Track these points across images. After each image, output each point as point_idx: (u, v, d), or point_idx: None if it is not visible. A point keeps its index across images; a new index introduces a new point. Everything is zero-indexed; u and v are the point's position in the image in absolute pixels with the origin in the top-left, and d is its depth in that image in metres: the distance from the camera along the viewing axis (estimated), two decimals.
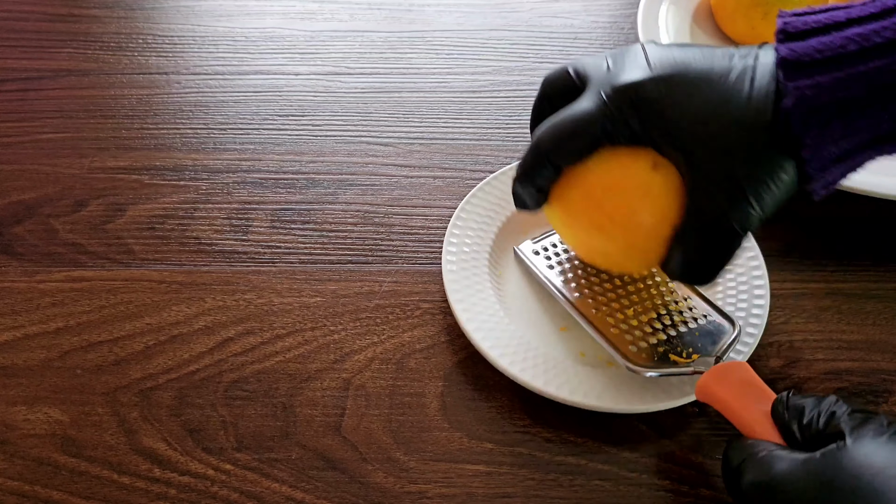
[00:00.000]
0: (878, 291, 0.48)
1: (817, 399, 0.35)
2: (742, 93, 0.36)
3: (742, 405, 0.38)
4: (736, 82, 0.36)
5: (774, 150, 0.36)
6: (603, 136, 0.38)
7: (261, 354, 0.45)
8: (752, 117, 0.35)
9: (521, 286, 0.47)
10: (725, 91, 0.36)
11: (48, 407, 0.43)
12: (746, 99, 0.36)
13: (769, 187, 0.36)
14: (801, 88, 0.34)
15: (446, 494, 0.40)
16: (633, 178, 0.38)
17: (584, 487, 0.40)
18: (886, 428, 0.33)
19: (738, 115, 0.36)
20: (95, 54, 0.62)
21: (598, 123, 0.37)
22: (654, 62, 0.37)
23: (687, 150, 0.36)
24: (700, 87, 0.36)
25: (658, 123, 0.37)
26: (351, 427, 0.42)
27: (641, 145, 0.38)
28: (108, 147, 0.56)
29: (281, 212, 0.52)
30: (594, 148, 0.38)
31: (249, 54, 0.62)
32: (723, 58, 0.37)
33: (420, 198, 0.53)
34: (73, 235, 0.51)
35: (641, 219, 0.38)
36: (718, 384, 0.39)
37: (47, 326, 0.46)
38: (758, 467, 0.34)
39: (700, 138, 0.36)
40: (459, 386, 0.44)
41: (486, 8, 0.66)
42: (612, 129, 0.38)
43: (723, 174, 0.36)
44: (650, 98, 0.37)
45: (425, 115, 0.58)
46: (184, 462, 0.41)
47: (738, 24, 0.59)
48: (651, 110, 0.37)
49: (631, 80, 0.37)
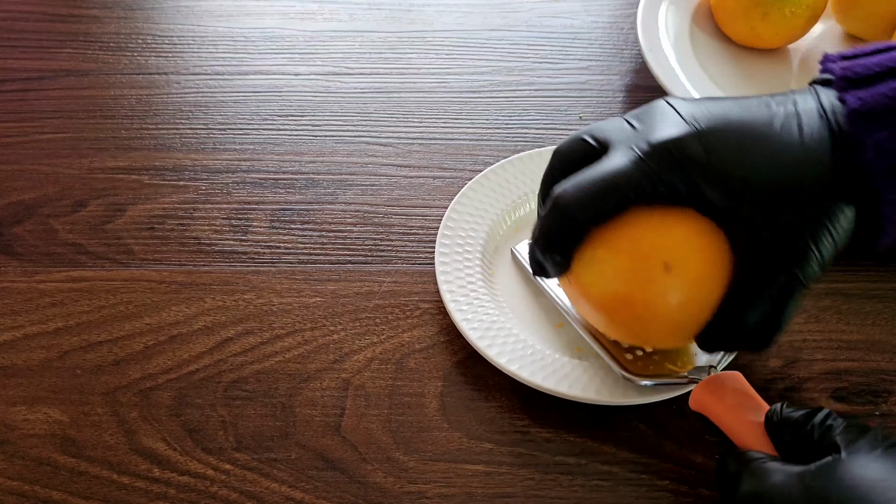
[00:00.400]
0: (878, 291, 0.48)
1: (811, 411, 0.35)
2: (793, 141, 0.34)
3: (736, 416, 0.37)
4: (783, 131, 0.34)
5: (835, 199, 0.34)
6: (638, 197, 0.35)
7: (260, 354, 0.45)
8: (808, 167, 0.34)
9: (515, 284, 0.47)
10: (774, 140, 0.34)
11: (48, 407, 0.43)
12: (800, 147, 0.34)
13: (830, 235, 0.34)
14: (881, 141, 0.33)
15: (446, 494, 0.40)
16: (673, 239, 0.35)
17: (584, 487, 0.40)
18: (881, 442, 0.33)
19: (793, 164, 0.34)
20: (95, 54, 0.62)
21: (633, 181, 0.34)
22: (689, 116, 0.35)
23: (738, 202, 0.34)
24: (746, 137, 0.34)
25: (704, 179, 0.34)
26: (350, 427, 0.42)
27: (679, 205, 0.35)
28: (107, 147, 0.56)
29: (280, 212, 0.52)
30: (625, 208, 0.35)
31: (249, 54, 0.62)
32: (759, 106, 0.35)
33: (419, 198, 0.53)
34: (72, 235, 0.51)
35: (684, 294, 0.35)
36: (712, 395, 0.38)
37: (47, 326, 0.46)
38: (753, 478, 0.34)
39: (753, 187, 0.34)
40: (459, 386, 0.44)
41: (486, 8, 0.66)
42: (650, 189, 0.34)
43: (784, 226, 0.34)
44: (694, 153, 0.34)
45: (425, 115, 0.58)
46: (183, 462, 0.41)
47: (738, 24, 0.59)
48: (696, 165, 0.34)
49: (670, 135, 0.34)
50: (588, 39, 0.64)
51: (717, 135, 0.34)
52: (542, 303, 0.46)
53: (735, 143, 0.34)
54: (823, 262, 0.34)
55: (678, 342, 0.40)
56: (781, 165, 0.34)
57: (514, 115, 0.58)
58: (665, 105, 0.36)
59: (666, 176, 0.34)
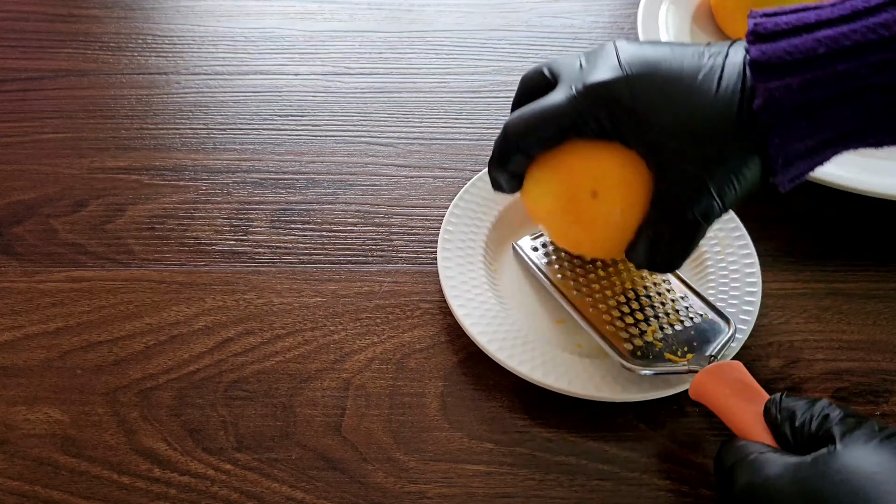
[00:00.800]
0: (879, 291, 0.48)
1: (810, 402, 0.35)
2: (709, 91, 0.37)
3: (735, 405, 0.38)
4: (703, 81, 0.37)
5: (738, 146, 0.37)
6: (571, 129, 0.39)
7: (261, 354, 0.45)
8: (717, 115, 0.37)
9: (517, 280, 0.48)
10: (693, 89, 0.37)
11: (48, 407, 0.43)
12: (713, 97, 0.37)
13: (732, 182, 0.37)
14: (771, 90, 0.35)
15: (446, 494, 0.40)
16: (601, 170, 0.39)
17: (584, 487, 0.40)
18: (877, 433, 0.33)
19: (704, 112, 0.37)
20: (95, 54, 0.62)
21: (566, 116, 0.39)
22: (625, 61, 0.38)
23: (654, 146, 0.38)
24: (668, 85, 0.38)
25: (626, 120, 0.38)
26: (351, 427, 0.42)
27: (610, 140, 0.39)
28: (107, 147, 0.56)
29: (281, 212, 0.52)
30: (561, 139, 0.40)
31: (249, 54, 0.62)
32: (693, 56, 0.38)
33: (420, 198, 0.53)
34: (73, 235, 0.51)
35: (607, 210, 0.39)
36: (712, 384, 0.39)
37: (47, 326, 0.46)
38: (749, 470, 0.34)
39: (666, 134, 0.37)
40: (459, 386, 0.44)
41: (486, 8, 0.66)
42: (581, 124, 0.39)
43: (687, 168, 0.37)
44: (619, 96, 0.38)
45: (425, 115, 0.58)
46: (184, 462, 0.41)
47: (738, 23, 0.59)
48: (620, 108, 0.38)
49: (601, 78, 0.38)
50: (588, 39, 0.64)
51: (644, 81, 0.38)
52: (543, 299, 0.46)
53: (657, 90, 0.38)
54: (724, 206, 0.37)
55: (611, 255, 0.44)
56: (694, 114, 0.37)
57: None
58: (611, 48, 0.40)
59: (594, 114, 0.38)
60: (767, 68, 0.35)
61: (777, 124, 0.36)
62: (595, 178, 0.39)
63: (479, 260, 0.47)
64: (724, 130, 0.37)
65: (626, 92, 0.38)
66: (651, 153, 0.38)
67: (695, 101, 0.37)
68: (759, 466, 0.34)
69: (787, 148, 0.36)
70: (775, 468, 0.33)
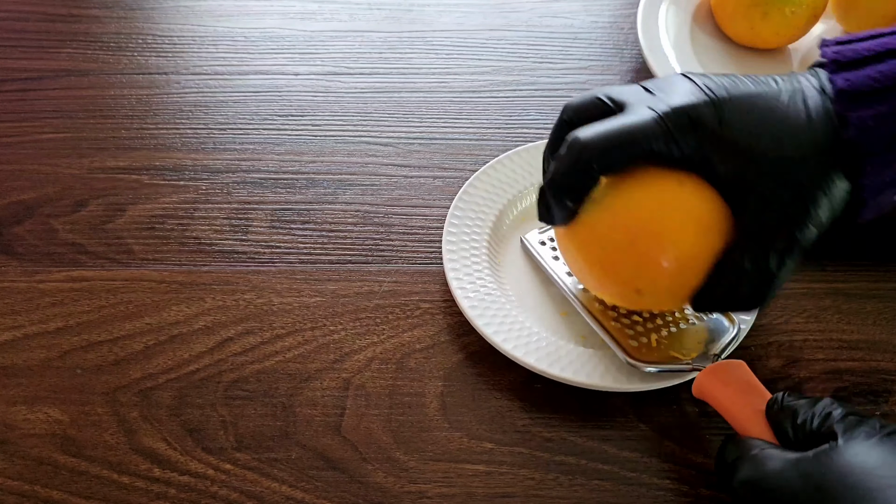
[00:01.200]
0: (879, 291, 0.48)
1: (812, 400, 0.35)
2: (800, 112, 0.36)
3: (737, 404, 0.38)
4: (790, 102, 0.36)
5: (834, 173, 0.36)
6: (651, 153, 0.36)
7: (261, 354, 0.45)
8: (813, 137, 0.36)
9: (521, 272, 0.48)
10: (781, 112, 0.36)
11: (48, 407, 0.43)
12: (806, 118, 0.36)
13: (827, 202, 0.36)
14: (864, 119, 0.35)
15: (446, 494, 0.40)
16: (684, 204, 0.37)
17: (584, 487, 0.40)
18: (879, 430, 0.33)
19: (798, 139, 0.36)
20: (95, 54, 0.62)
21: (653, 137, 0.36)
22: (704, 87, 0.37)
23: (746, 169, 0.36)
24: (756, 108, 0.36)
25: (714, 144, 0.36)
26: (351, 427, 0.42)
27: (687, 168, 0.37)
28: (107, 147, 0.56)
29: (281, 212, 0.52)
30: (637, 162, 0.37)
31: (249, 54, 0.62)
32: (767, 81, 0.37)
33: (420, 198, 0.53)
34: (73, 235, 0.51)
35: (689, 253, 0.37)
36: (715, 382, 0.39)
37: (47, 326, 0.46)
38: (751, 465, 0.34)
39: (761, 154, 0.36)
40: (459, 386, 0.44)
41: (486, 8, 0.66)
42: (664, 148, 0.36)
43: (787, 187, 0.36)
44: (707, 120, 0.36)
45: (425, 115, 0.58)
46: (184, 462, 0.41)
47: (738, 24, 0.59)
48: (708, 132, 0.36)
49: (687, 101, 0.36)
50: (588, 39, 0.64)
51: (730, 105, 0.36)
52: (547, 291, 0.47)
53: (745, 114, 0.36)
54: (821, 226, 0.36)
55: (671, 303, 0.41)
56: (787, 136, 0.36)
57: (514, 115, 0.58)
58: (681, 76, 0.38)
59: (680, 137, 0.36)
60: (856, 97, 0.35)
61: (872, 152, 0.35)
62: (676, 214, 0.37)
63: (484, 251, 0.48)
64: (819, 157, 0.36)
65: (713, 116, 0.36)
66: (740, 179, 0.36)
67: (787, 127, 0.36)
68: (760, 461, 0.34)
69: (878, 176, 0.36)
70: (777, 463, 0.33)
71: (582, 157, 0.36)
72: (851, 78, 0.35)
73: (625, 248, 0.37)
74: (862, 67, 0.35)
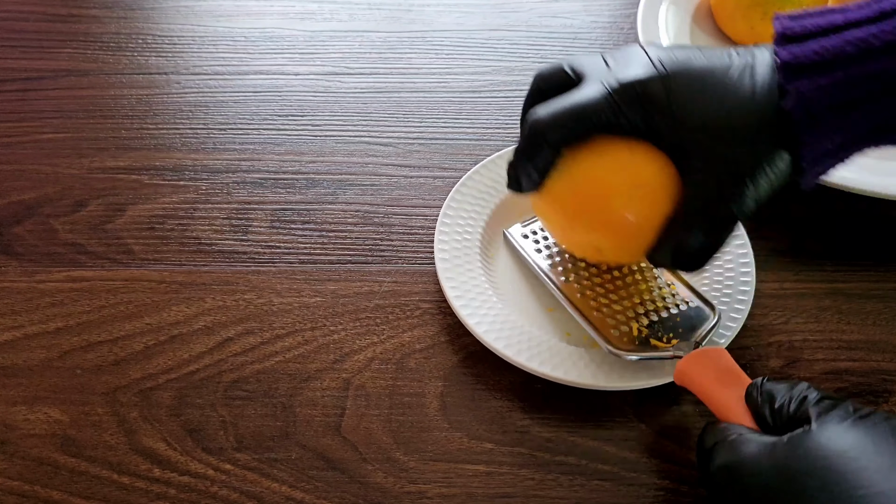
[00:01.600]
0: (879, 291, 0.48)
1: (790, 385, 0.36)
2: (745, 87, 0.37)
3: (718, 390, 0.38)
4: (738, 78, 0.37)
5: (773, 144, 0.37)
6: (602, 126, 0.39)
7: (261, 354, 0.45)
8: (755, 110, 0.37)
9: (511, 268, 0.48)
10: (728, 85, 0.37)
11: (48, 407, 0.43)
12: (750, 93, 0.37)
13: (767, 176, 0.37)
14: (802, 90, 0.36)
15: (446, 494, 0.40)
16: (628, 171, 0.39)
17: (584, 487, 0.40)
18: (852, 413, 0.33)
19: (742, 107, 0.37)
20: (95, 54, 0.62)
21: (601, 112, 0.38)
22: (657, 60, 0.39)
23: (690, 140, 0.38)
24: (703, 82, 0.38)
25: (662, 118, 0.38)
26: (351, 427, 0.42)
27: (637, 138, 0.39)
28: (107, 147, 0.56)
29: (280, 212, 0.52)
30: (592, 134, 0.39)
31: (249, 54, 0.62)
32: (721, 56, 0.39)
33: (420, 198, 0.53)
34: (73, 235, 0.51)
35: (636, 212, 0.39)
36: (696, 369, 0.39)
37: (47, 326, 0.46)
38: (727, 450, 0.35)
39: (704, 128, 0.37)
40: (459, 386, 0.44)
41: (486, 8, 0.66)
42: (613, 120, 0.39)
43: (726, 161, 0.37)
44: (655, 94, 0.38)
45: (425, 115, 0.58)
46: (184, 462, 0.41)
47: (738, 24, 0.59)
48: (655, 106, 0.38)
49: (636, 75, 0.38)
50: (588, 39, 0.64)
51: (679, 78, 0.38)
52: (535, 287, 0.47)
53: (693, 88, 0.38)
54: (758, 199, 0.38)
55: (633, 258, 0.44)
56: (731, 110, 0.37)
57: (514, 115, 0.58)
58: (637, 48, 0.40)
59: (628, 111, 0.38)
60: (798, 69, 0.36)
61: (808, 123, 0.36)
62: (622, 178, 0.39)
63: (476, 248, 0.48)
64: (760, 129, 0.37)
65: (661, 90, 0.38)
66: (685, 151, 0.38)
67: (731, 99, 0.37)
68: (736, 447, 0.34)
69: (816, 146, 0.37)
70: (752, 448, 0.34)
71: (538, 134, 0.40)
72: (795, 51, 0.36)
73: (581, 212, 0.41)
74: (807, 41, 0.36)
